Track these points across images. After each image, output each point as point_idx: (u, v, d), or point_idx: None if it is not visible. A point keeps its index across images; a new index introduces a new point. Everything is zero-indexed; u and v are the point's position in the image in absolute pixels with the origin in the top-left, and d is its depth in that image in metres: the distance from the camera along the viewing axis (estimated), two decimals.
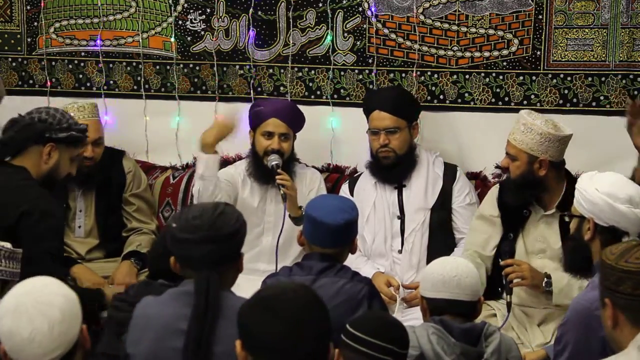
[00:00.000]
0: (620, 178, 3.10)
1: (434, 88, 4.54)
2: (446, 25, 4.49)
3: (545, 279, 3.72)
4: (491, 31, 4.43)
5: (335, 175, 4.65)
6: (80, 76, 5.04)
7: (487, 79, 4.46)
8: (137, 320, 2.68)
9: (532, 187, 3.85)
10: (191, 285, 2.64)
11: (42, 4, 5.01)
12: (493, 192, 4.05)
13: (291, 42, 4.71)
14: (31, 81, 5.11)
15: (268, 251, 4.23)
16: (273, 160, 4.21)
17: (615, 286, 2.43)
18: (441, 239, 4.22)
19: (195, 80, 4.89)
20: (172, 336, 2.59)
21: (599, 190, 2.99)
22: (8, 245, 2.99)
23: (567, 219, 3.24)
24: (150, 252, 3.54)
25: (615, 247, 2.51)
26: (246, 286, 3.79)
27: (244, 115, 4.41)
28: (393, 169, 4.24)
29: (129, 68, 4.99)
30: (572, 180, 3.85)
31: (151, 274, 3.28)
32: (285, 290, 2.14)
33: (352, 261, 4.04)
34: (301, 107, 4.68)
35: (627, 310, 2.42)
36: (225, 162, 4.72)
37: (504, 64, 4.43)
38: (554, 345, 3.05)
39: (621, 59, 4.26)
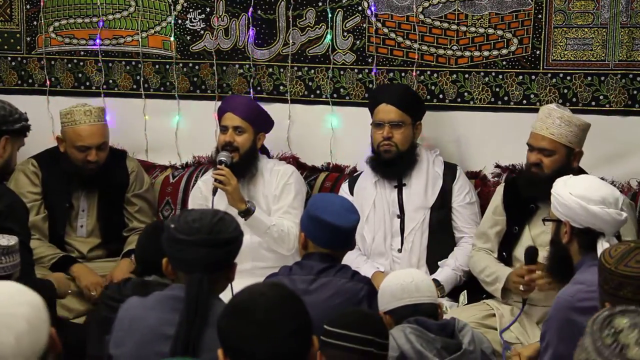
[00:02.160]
0: (594, 180, 3.19)
1: (433, 87, 4.53)
2: (446, 25, 4.49)
3: None
4: (491, 30, 4.43)
5: (335, 175, 4.65)
6: (80, 75, 5.04)
7: (487, 78, 4.46)
8: (121, 321, 2.68)
9: None
10: (179, 289, 2.64)
11: (42, 3, 5.01)
12: (497, 197, 4.07)
13: (291, 41, 4.70)
14: (30, 80, 5.10)
15: (249, 249, 4.21)
16: (220, 156, 4.25)
17: (615, 291, 2.42)
18: (441, 238, 4.23)
19: (195, 79, 4.89)
20: (156, 341, 2.59)
21: (572, 194, 3.07)
22: (6, 241, 3.00)
23: (545, 223, 3.29)
24: (137, 247, 3.51)
25: (614, 250, 2.51)
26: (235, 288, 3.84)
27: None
28: (393, 164, 4.25)
29: (128, 67, 4.98)
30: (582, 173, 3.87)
31: (142, 269, 3.25)
32: (254, 292, 2.14)
33: (352, 260, 4.05)
34: (301, 107, 4.72)
35: None
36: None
37: (504, 63, 4.43)
38: (540, 342, 3.07)
39: (620, 58, 4.26)
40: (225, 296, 2.78)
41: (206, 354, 2.53)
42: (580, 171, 3.88)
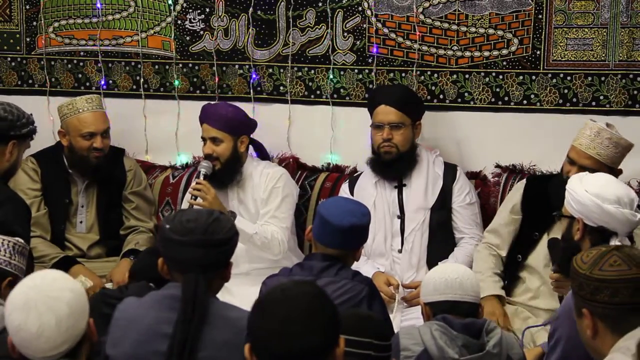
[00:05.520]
0: (610, 179, 3.16)
1: (433, 87, 4.53)
2: (446, 25, 4.48)
3: None
4: (491, 31, 4.43)
5: (335, 175, 4.65)
6: (80, 76, 5.03)
7: (487, 79, 4.46)
8: (118, 322, 2.68)
9: None
10: (175, 288, 2.65)
11: (42, 4, 5.00)
12: (516, 195, 4.05)
13: (291, 41, 4.70)
14: (30, 81, 5.10)
15: (245, 251, 4.22)
16: (200, 167, 4.29)
17: (591, 296, 2.39)
18: (441, 239, 4.23)
19: (195, 80, 4.89)
20: (154, 339, 2.59)
21: (588, 192, 3.04)
22: (21, 240, 3.00)
23: (557, 218, 3.27)
24: (138, 263, 3.55)
25: (586, 256, 2.47)
26: (235, 290, 3.86)
27: None
28: (394, 165, 4.24)
29: (127, 68, 4.98)
30: None
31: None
32: (278, 289, 2.15)
33: None
34: (301, 107, 4.71)
35: (606, 318, 2.39)
36: None
37: (504, 63, 4.43)
38: (547, 341, 3.07)
39: (621, 58, 4.26)
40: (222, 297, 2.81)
41: (204, 352, 2.55)
42: None
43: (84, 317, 2.22)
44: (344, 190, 4.40)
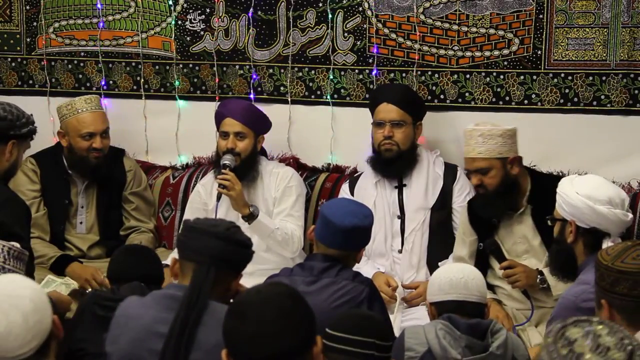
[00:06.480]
0: (600, 180, 3.20)
1: (434, 88, 4.53)
2: (447, 25, 4.48)
3: (538, 276, 3.75)
4: (492, 31, 4.42)
5: (335, 175, 4.64)
6: (80, 76, 5.03)
7: (488, 79, 4.45)
8: (118, 319, 2.72)
9: (512, 189, 3.90)
10: (176, 289, 2.68)
11: (42, 4, 5.00)
12: (464, 219, 4.09)
13: (291, 42, 4.70)
14: (31, 81, 5.10)
15: None
16: (225, 160, 4.24)
17: (611, 287, 2.43)
18: (441, 239, 4.22)
19: (195, 80, 4.88)
20: (150, 338, 2.62)
21: (579, 193, 3.07)
22: (17, 245, 2.99)
23: (549, 222, 3.28)
24: (115, 265, 3.55)
25: (612, 249, 2.54)
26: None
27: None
28: (394, 163, 4.24)
29: (128, 68, 4.98)
30: (534, 173, 3.97)
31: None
32: (251, 292, 2.17)
33: None
34: (302, 107, 4.69)
35: (623, 311, 2.42)
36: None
37: (505, 63, 4.42)
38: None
39: (622, 58, 4.25)
40: None
41: (197, 353, 2.56)
42: (531, 172, 3.96)
43: (48, 313, 2.23)
44: (344, 191, 4.39)
